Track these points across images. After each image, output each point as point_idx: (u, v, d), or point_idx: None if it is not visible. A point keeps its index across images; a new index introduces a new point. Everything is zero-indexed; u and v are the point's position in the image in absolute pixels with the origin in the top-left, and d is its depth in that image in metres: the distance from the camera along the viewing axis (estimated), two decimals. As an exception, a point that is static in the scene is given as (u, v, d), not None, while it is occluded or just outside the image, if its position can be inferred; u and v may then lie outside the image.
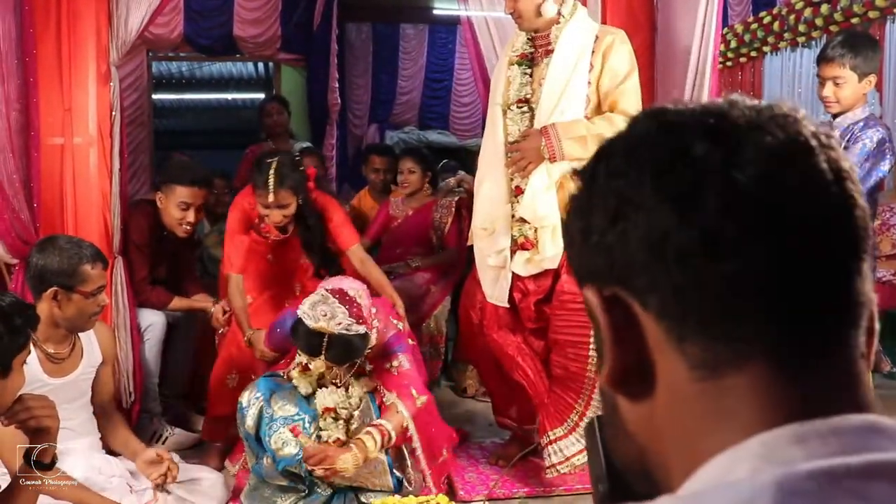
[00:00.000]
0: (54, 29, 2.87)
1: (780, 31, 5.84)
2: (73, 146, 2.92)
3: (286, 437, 2.49)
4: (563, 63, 2.64)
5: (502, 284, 2.82)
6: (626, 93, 2.64)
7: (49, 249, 2.33)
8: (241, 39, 5.45)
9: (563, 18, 2.69)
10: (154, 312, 3.32)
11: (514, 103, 2.77)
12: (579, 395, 2.76)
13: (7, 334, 1.68)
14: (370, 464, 2.49)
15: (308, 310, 2.42)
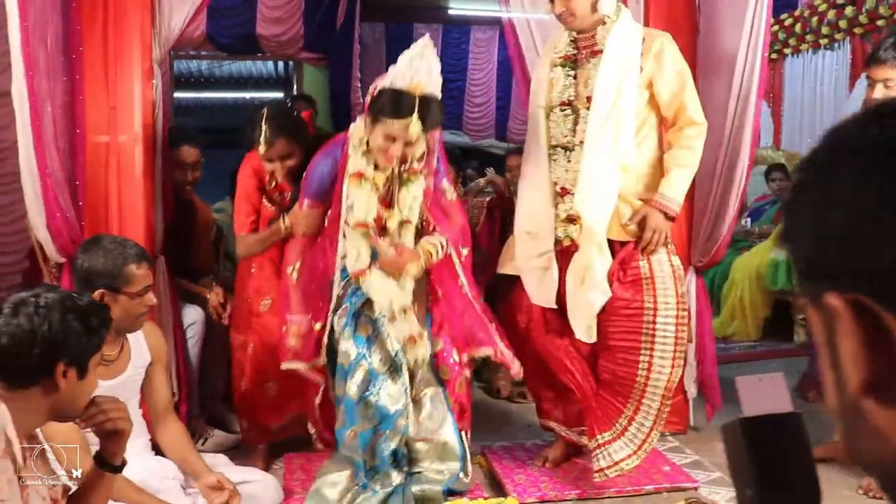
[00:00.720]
0: (101, 27, 2.84)
1: (801, 33, 5.85)
2: (119, 144, 2.89)
3: None
4: (614, 65, 2.62)
5: (548, 286, 2.79)
6: (690, 98, 2.67)
7: (93, 250, 2.30)
8: (263, 38, 5.43)
9: (608, 19, 2.69)
10: (196, 310, 3.29)
11: (557, 106, 2.76)
12: (628, 399, 2.75)
13: (85, 334, 1.66)
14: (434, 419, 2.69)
15: (404, 68, 2.43)
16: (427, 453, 2.73)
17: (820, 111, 6.05)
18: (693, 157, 2.68)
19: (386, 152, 2.51)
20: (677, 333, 2.70)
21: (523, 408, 3.88)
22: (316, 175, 2.69)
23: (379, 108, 2.48)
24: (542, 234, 2.76)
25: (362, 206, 2.59)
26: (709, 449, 3.27)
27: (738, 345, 5.17)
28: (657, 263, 2.71)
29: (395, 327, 2.60)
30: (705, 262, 3.37)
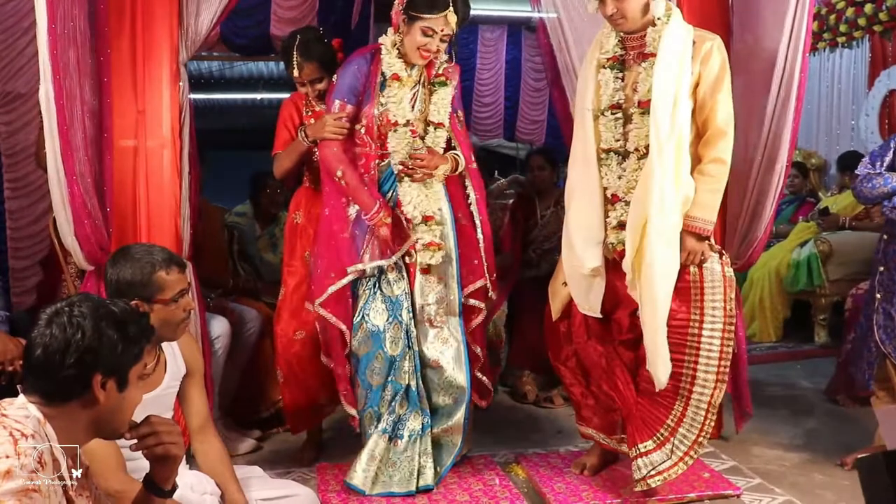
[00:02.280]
0: (129, 29, 2.78)
1: (819, 31, 5.80)
2: (147, 148, 2.83)
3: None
4: (669, 69, 2.56)
5: (596, 294, 2.76)
6: (721, 103, 2.61)
7: (121, 262, 2.22)
8: (277, 39, 5.36)
9: (658, 21, 2.63)
10: (221, 323, 3.23)
11: (607, 109, 2.70)
12: (670, 410, 2.71)
13: (121, 342, 1.58)
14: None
15: None
16: (440, 383, 2.90)
17: (837, 110, 6.00)
18: (724, 171, 2.64)
19: (424, 47, 2.71)
20: (723, 348, 2.66)
21: (550, 413, 3.84)
22: (347, 76, 2.83)
23: (417, 4, 2.69)
24: (593, 241, 2.71)
25: (401, 107, 2.80)
26: (745, 454, 3.22)
27: (757, 346, 5.12)
28: (708, 273, 2.67)
29: (419, 231, 2.83)
30: (740, 265, 3.31)
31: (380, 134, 2.82)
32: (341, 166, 2.81)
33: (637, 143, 2.63)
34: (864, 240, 4.78)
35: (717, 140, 2.61)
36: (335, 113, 2.82)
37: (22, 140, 4.53)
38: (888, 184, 2.96)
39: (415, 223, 2.83)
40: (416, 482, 2.79)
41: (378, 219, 2.77)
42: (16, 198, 4.58)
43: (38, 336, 1.50)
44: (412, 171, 2.81)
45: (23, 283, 4.53)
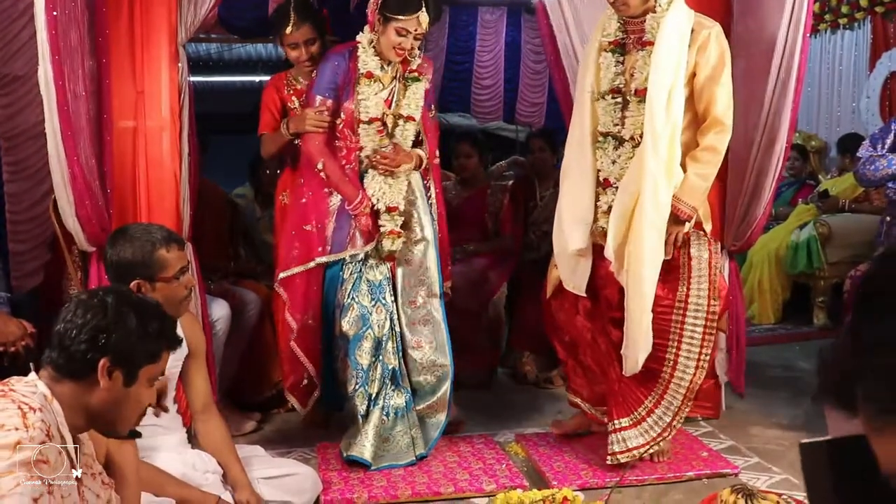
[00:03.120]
0: (127, 9, 2.76)
1: (820, 13, 5.76)
2: (146, 129, 2.82)
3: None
4: (668, 55, 2.57)
5: (581, 274, 2.80)
6: (720, 94, 2.63)
7: (121, 242, 2.21)
8: (275, 20, 5.33)
9: (659, 7, 2.63)
10: (222, 305, 3.24)
11: (607, 92, 2.71)
12: (650, 392, 2.77)
13: (138, 333, 1.57)
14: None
15: None
16: (423, 366, 3.01)
17: (838, 92, 5.98)
18: (716, 161, 2.67)
19: (398, 46, 2.82)
20: (705, 335, 2.72)
21: (550, 393, 3.85)
22: (327, 72, 2.95)
23: (391, 6, 2.80)
24: (582, 224, 2.74)
25: (373, 103, 2.91)
26: (743, 434, 3.25)
27: (757, 328, 5.14)
28: (696, 261, 2.71)
29: (381, 220, 2.95)
30: (739, 246, 3.32)
31: (354, 129, 2.95)
32: (322, 158, 2.93)
33: (633, 131, 2.66)
34: (863, 222, 4.79)
35: (713, 129, 2.64)
36: (316, 107, 2.94)
37: (21, 123, 4.50)
38: (891, 166, 2.97)
39: (379, 213, 2.96)
40: (413, 452, 2.91)
41: (360, 209, 2.91)
42: (15, 181, 4.56)
43: (64, 311, 1.53)
44: (377, 164, 2.93)
45: (23, 266, 4.51)
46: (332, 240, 2.97)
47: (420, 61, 3.01)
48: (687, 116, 2.65)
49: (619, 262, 2.64)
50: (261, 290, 3.68)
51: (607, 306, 2.83)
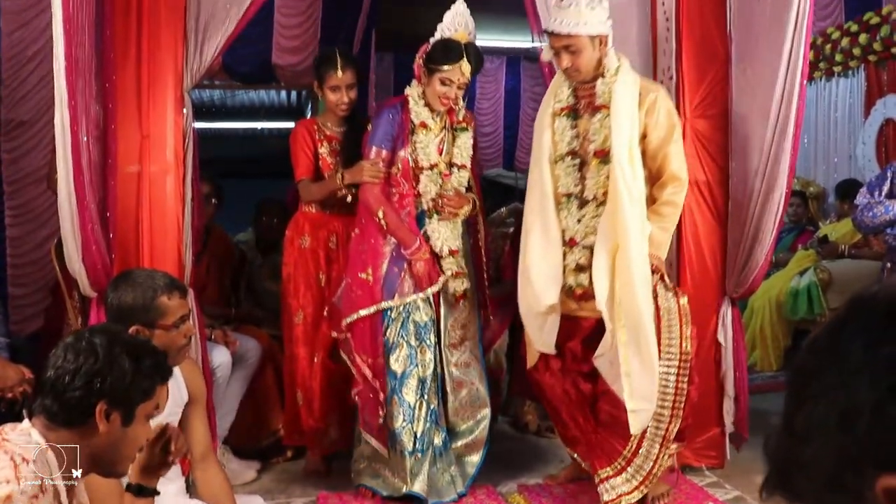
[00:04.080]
0: (135, 56, 2.81)
1: (814, 60, 5.85)
2: (150, 174, 2.84)
3: None
4: (625, 117, 2.68)
5: (550, 330, 2.84)
6: (674, 153, 2.77)
7: (123, 287, 2.21)
8: (279, 67, 5.41)
9: (607, 72, 2.74)
10: (222, 352, 3.22)
11: (565, 155, 2.82)
12: (627, 442, 2.77)
13: (133, 373, 1.56)
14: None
15: (448, 23, 2.99)
16: (462, 407, 3.13)
17: (834, 138, 6.04)
18: (675, 214, 2.81)
19: (443, 95, 2.96)
20: (678, 384, 2.74)
21: (552, 443, 3.80)
22: (382, 124, 3.08)
23: (434, 58, 2.96)
24: (555, 282, 2.81)
25: (430, 151, 3.05)
26: (749, 483, 3.19)
27: (759, 375, 5.10)
28: (665, 312, 2.75)
29: (445, 263, 3.09)
30: (741, 293, 3.31)
31: (414, 176, 3.06)
32: (382, 207, 3.03)
33: (595, 191, 2.75)
34: (863, 268, 4.79)
35: (670, 184, 2.78)
36: (372, 159, 3.05)
37: (24, 167, 4.55)
38: (889, 212, 2.98)
39: (442, 256, 3.08)
40: (454, 489, 3.03)
41: (419, 255, 3.01)
42: (17, 224, 4.59)
43: (53, 357, 1.50)
44: (441, 209, 3.06)
45: (23, 310, 4.51)
46: (384, 283, 3.04)
47: (465, 112, 3.18)
48: (644, 172, 2.77)
49: (614, 321, 2.67)
50: (262, 336, 3.67)
51: (573, 359, 2.88)
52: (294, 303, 3.31)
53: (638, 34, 3.49)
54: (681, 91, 3.28)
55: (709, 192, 3.30)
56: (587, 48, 2.68)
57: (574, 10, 2.63)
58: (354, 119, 3.34)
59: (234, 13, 2.95)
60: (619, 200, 2.63)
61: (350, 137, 3.30)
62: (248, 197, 4.63)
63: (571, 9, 2.63)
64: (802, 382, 0.58)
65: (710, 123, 3.29)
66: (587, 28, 2.65)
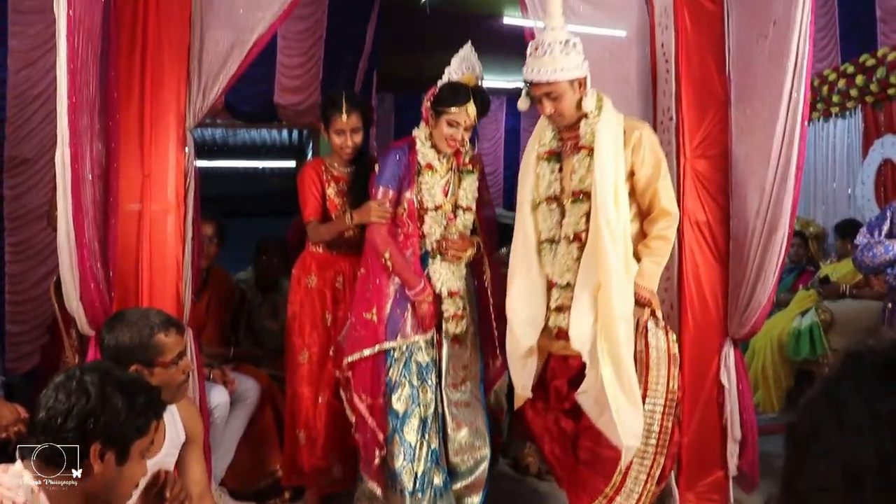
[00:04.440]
0: (138, 96, 2.82)
1: (812, 101, 5.90)
2: (151, 212, 2.84)
3: None
4: (608, 158, 2.69)
5: (528, 373, 2.84)
6: (662, 189, 2.77)
7: (118, 327, 2.20)
8: (281, 107, 5.46)
9: (591, 113, 2.76)
10: (221, 392, 3.19)
11: (544, 200, 2.83)
12: (609, 479, 2.74)
13: (127, 412, 1.55)
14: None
15: (456, 67, 3.07)
16: (462, 447, 3.12)
17: (833, 178, 6.07)
18: (667, 248, 2.80)
19: (450, 137, 3.00)
20: (663, 423, 2.71)
21: (552, 486, 3.72)
22: (390, 165, 3.09)
23: (442, 100, 3.00)
24: (534, 325, 2.81)
25: (435, 193, 3.08)
26: (754, 528, 3.14)
27: (762, 416, 5.04)
28: (654, 350, 2.73)
29: (444, 305, 3.09)
30: (743, 334, 3.29)
31: (419, 217, 3.09)
32: (389, 248, 3.05)
33: (567, 231, 2.75)
34: (865, 308, 4.77)
35: (661, 219, 2.78)
36: (379, 199, 3.06)
37: (26, 204, 4.56)
38: (889, 251, 2.98)
39: (442, 297, 3.10)
40: None
41: (423, 296, 3.02)
42: (17, 261, 4.59)
43: (44, 398, 1.48)
44: (445, 251, 3.08)
45: (20, 347, 4.49)
46: (388, 324, 3.05)
47: (472, 154, 3.22)
48: (631, 210, 2.78)
49: (591, 359, 2.66)
50: (261, 376, 3.64)
51: (557, 398, 2.87)
52: (299, 341, 3.29)
53: (638, 75, 3.53)
54: (681, 131, 3.30)
55: (709, 233, 3.30)
56: (567, 92, 2.70)
57: (549, 58, 2.65)
58: (362, 160, 3.34)
59: (237, 54, 2.97)
60: (600, 239, 2.63)
61: (358, 178, 3.31)
62: (250, 235, 4.63)
63: (547, 57, 2.66)
64: (802, 444, 0.57)
65: (710, 164, 3.31)
66: (565, 73, 2.66)
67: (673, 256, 3.33)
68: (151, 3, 2.84)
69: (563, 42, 2.67)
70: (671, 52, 3.36)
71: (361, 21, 5.61)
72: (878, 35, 5.44)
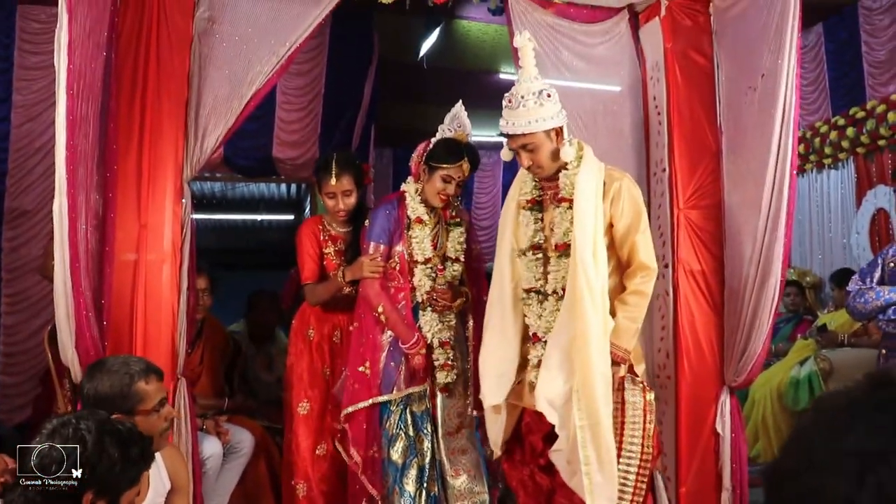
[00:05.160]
0: (136, 146, 2.86)
1: (805, 153, 5.98)
2: (147, 262, 2.85)
3: None
4: (587, 211, 2.63)
5: (498, 429, 2.81)
6: (641, 242, 2.69)
7: (98, 375, 2.17)
8: (279, 161, 5.52)
9: (571, 164, 2.72)
10: (213, 443, 3.17)
11: (528, 249, 2.78)
12: None
13: (121, 462, 1.54)
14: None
15: (448, 124, 3.15)
16: (461, 493, 3.14)
17: (828, 228, 6.11)
18: (643, 303, 2.69)
19: (443, 192, 3.06)
20: (637, 483, 2.64)
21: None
22: (380, 219, 3.13)
23: (437, 156, 3.06)
24: (503, 380, 2.74)
25: (425, 246, 3.12)
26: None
27: (760, 466, 4.98)
28: (630, 407, 2.66)
29: (435, 354, 3.11)
30: (739, 382, 3.27)
31: (409, 269, 3.12)
32: (382, 302, 3.07)
33: (555, 286, 2.69)
34: (863, 356, 4.75)
35: (639, 273, 2.69)
36: (370, 254, 3.09)
37: (23, 255, 4.58)
38: (880, 297, 2.99)
39: (433, 347, 3.13)
40: None
41: (416, 349, 3.05)
42: (13, 313, 4.59)
43: (38, 444, 1.47)
44: (435, 302, 3.12)
45: (12, 400, 4.46)
46: (382, 377, 3.06)
47: (458, 207, 3.26)
48: (610, 264, 2.70)
49: (563, 420, 2.58)
50: (255, 428, 3.61)
51: (532, 453, 2.82)
52: (298, 392, 3.30)
53: (631, 127, 3.59)
54: (674, 182, 3.34)
55: (704, 281, 3.32)
56: (545, 143, 2.66)
57: (524, 110, 2.61)
58: (359, 219, 3.34)
59: (236, 106, 3.02)
60: (578, 294, 2.56)
61: (355, 237, 3.33)
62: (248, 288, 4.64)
63: (521, 109, 2.62)
64: (778, 485, 0.58)
65: (703, 213, 3.34)
66: (540, 125, 2.62)
67: (668, 305, 3.34)
68: (152, 56, 2.90)
69: (537, 93, 2.63)
70: (663, 104, 3.42)
71: (359, 77, 5.71)
72: (867, 88, 5.54)
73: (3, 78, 4.69)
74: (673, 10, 3.43)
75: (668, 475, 3.30)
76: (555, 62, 3.51)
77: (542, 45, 3.49)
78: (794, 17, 2.97)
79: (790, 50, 2.98)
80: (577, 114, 3.51)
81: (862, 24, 5.57)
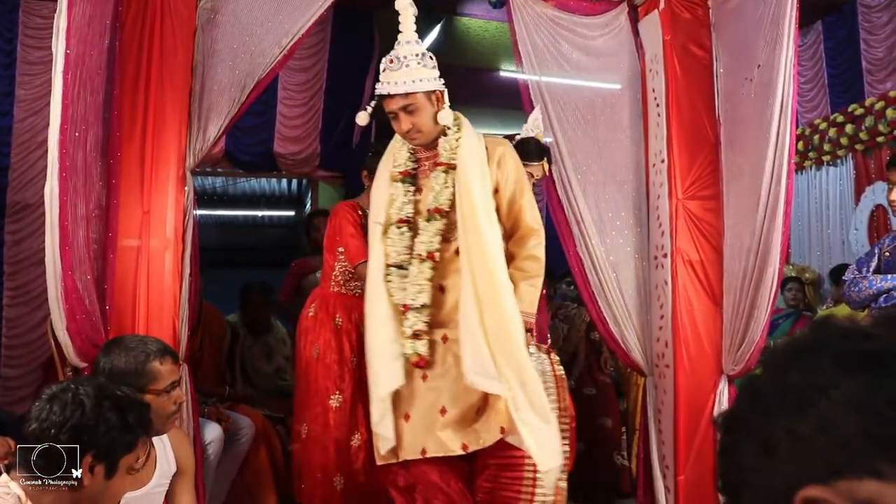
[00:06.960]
0: (139, 134, 2.88)
1: (804, 150, 6.01)
2: (150, 248, 2.87)
3: None
4: (472, 174, 2.52)
5: (387, 424, 2.53)
6: (527, 206, 2.60)
7: (115, 351, 2.21)
8: (280, 156, 5.54)
9: (449, 130, 2.59)
10: (214, 429, 3.18)
11: (394, 223, 2.61)
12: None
13: (119, 427, 1.56)
14: None
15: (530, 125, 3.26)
16: None
17: (828, 225, 6.14)
18: (539, 267, 2.59)
19: None
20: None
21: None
22: None
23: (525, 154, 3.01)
24: (391, 357, 2.53)
25: None
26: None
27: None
28: (540, 372, 2.54)
29: None
30: (739, 370, 3.29)
31: None
32: None
33: (420, 249, 2.55)
34: (862, 352, 4.76)
35: (529, 238, 2.59)
36: None
37: (26, 249, 4.61)
38: (873, 286, 3.02)
39: None
40: None
41: None
42: (15, 305, 4.61)
43: (37, 409, 1.49)
44: None
45: (14, 392, 4.47)
46: None
47: None
48: (500, 228, 2.59)
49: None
50: (255, 416, 3.62)
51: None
52: (328, 385, 3.16)
53: (630, 119, 3.61)
54: (673, 173, 3.37)
55: (702, 271, 3.34)
56: (426, 106, 2.52)
57: (406, 70, 2.50)
58: None
59: (238, 97, 3.04)
60: (483, 253, 2.42)
61: None
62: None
63: (403, 69, 2.50)
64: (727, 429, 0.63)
65: (701, 204, 3.36)
66: (423, 84, 2.50)
67: (667, 295, 3.36)
68: (155, 45, 2.93)
69: (420, 55, 2.53)
70: (662, 97, 3.45)
71: (360, 73, 5.74)
72: (865, 85, 5.57)
73: (6, 73, 4.72)
74: (672, 3, 3.45)
75: (666, 464, 3.32)
76: (555, 55, 3.54)
77: (542, 38, 3.52)
78: (792, 7, 2.99)
79: (788, 41, 3.00)
80: (576, 105, 3.54)
81: (861, 21, 5.60)
